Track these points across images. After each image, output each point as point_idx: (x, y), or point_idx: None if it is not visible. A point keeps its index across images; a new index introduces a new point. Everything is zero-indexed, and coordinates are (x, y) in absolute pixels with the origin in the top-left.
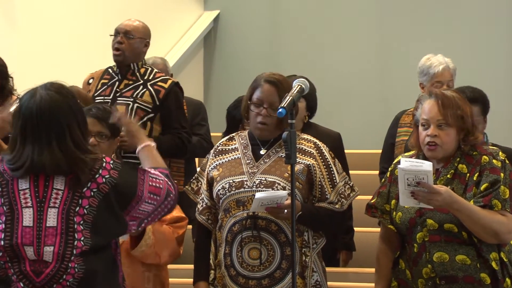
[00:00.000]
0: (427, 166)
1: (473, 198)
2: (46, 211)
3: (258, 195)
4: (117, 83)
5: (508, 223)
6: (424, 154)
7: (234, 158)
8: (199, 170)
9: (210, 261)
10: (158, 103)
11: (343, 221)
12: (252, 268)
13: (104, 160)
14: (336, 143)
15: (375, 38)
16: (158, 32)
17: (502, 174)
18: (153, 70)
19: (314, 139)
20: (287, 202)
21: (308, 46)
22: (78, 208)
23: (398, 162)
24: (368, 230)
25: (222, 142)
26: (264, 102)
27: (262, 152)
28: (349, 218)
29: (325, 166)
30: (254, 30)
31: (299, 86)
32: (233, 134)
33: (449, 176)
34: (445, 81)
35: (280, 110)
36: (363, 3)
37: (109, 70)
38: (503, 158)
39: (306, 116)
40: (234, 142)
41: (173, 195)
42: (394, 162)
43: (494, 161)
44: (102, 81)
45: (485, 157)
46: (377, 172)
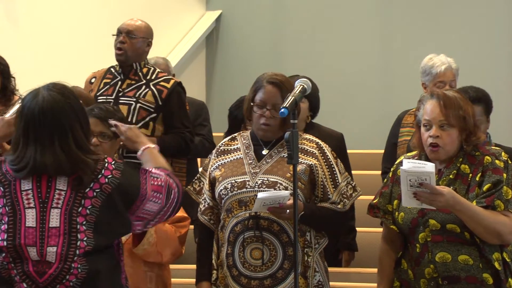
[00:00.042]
0: (430, 167)
1: (475, 199)
2: (49, 212)
3: (260, 195)
4: (119, 83)
5: (511, 224)
6: (426, 155)
7: (236, 158)
8: (201, 170)
9: (213, 261)
10: (160, 103)
11: (345, 221)
12: (254, 268)
13: (106, 160)
14: (338, 144)
15: (377, 38)
16: (160, 32)
17: (505, 175)
18: (155, 69)
19: (316, 139)
20: (289, 202)
21: (310, 46)
22: (80, 208)
23: (400, 163)
24: (370, 230)
25: (224, 142)
26: (267, 104)
27: (264, 152)
28: (351, 218)
29: (327, 166)
30: (256, 30)
31: (301, 86)
32: (235, 134)
33: (451, 176)
34: (447, 81)
35: (282, 110)
36: (366, 4)
37: (111, 69)
38: (506, 159)
39: (308, 116)
40: (236, 142)
41: (175, 192)
42: (396, 162)
43: (497, 161)
44: (105, 80)
45: (487, 157)
46: (379, 172)
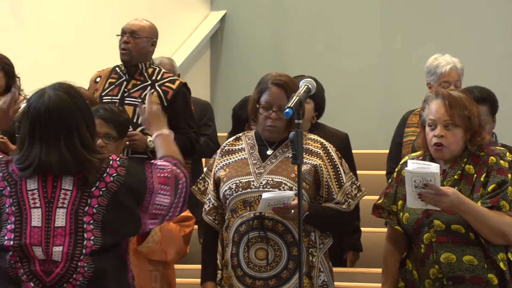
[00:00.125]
0: (434, 168)
1: (480, 199)
2: (55, 211)
3: (265, 196)
4: (125, 83)
5: None
6: (431, 155)
7: (241, 158)
8: (206, 170)
9: (217, 261)
10: (166, 104)
11: (350, 221)
12: (259, 268)
13: (111, 158)
14: (343, 144)
15: (381, 38)
16: (165, 32)
17: (510, 175)
18: (161, 70)
19: (321, 139)
20: (294, 203)
21: (314, 46)
22: (87, 207)
23: (405, 163)
24: (375, 230)
25: (229, 142)
26: (273, 106)
27: (269, 152)
28: (356, 218)
29: (332, 166)
30: (260, 30)
31: (306, 86)
32: (239, 134)
33: (456, 177)
34: (452, 81)
35: (286, 110)
36: (368, 3)
37: (116, 69)
38: (511, 159)
39: (314, 117)
40: (241, 142)
41: (183, 182)
42: (401, 163)
43: (502, 161)
44: (110, 80)
45: (492, 157)
46: (384, 172)
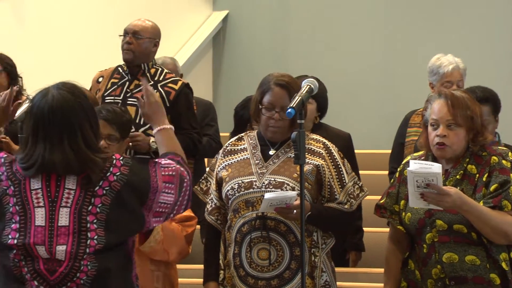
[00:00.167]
0: (437, 168)
1: (482, 199)
2: (58, 211)
3: (267, 196)
4: (127, 83)
5: None
6: (433, 154)
7: (243, 158)
8: (208, 170)
9: (220, 261)
10: (168, 105)
11: (352, 221)
12: (261, 268)
13: (114, 157)
14: (346, 144)
15: (381, 38)
16: (167, 32)
17: None
18: (163, 70)
19: (323, 140)
20: (296, 203)
21: (316, 46)
22: (91, 207)
23: (407, 163)
24: (377, 230)
25: (231, 142)
26: (275, 106)
27: (271, 152)
28: (358, 218)
29: (334, 167)
30: (263, 30)
31: (308, 86)
32: (242, 134)
33: (458, 177)
34: (455, 81)
35: (289, 111)
36: (369, 3)
37: (118, 69)
38: None
39: (316, 117)
40: (243, 142)
41: (187, 181)
42: (403, 163)
43: (504, 161)
44: (112, 80)
45: (494, 157)
46: (386, 172)
